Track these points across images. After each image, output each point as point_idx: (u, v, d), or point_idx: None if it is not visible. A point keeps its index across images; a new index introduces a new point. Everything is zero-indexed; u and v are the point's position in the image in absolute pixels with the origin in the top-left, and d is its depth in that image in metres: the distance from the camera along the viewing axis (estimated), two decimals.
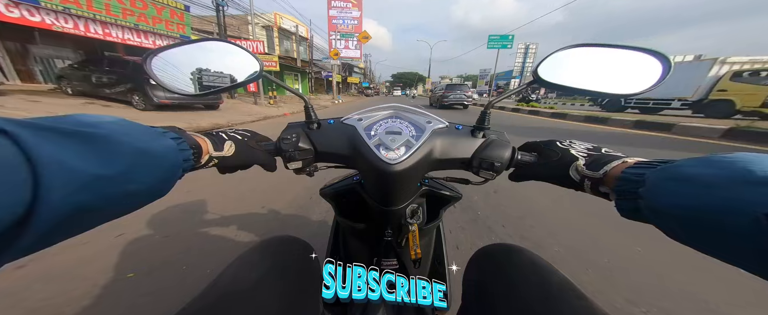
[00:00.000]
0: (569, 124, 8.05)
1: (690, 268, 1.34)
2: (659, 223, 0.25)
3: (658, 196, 0.24)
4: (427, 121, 0.48)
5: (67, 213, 0.19)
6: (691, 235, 0.22)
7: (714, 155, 0.23)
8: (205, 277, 1.28)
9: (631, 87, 0.40)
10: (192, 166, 0.35)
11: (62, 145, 0.19)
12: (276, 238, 0.54)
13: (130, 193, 0.24)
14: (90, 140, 0.21)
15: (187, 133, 0.36)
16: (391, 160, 0.41)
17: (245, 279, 0.42)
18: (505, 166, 0.45)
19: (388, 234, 0.54)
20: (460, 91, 14.67)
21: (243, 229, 1.68)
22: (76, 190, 0.19)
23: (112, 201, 0.22)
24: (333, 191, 0.63)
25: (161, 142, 0.28)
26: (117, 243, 1.50)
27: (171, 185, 0.29)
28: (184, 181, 0.36)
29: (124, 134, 0.24)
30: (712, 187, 0.20)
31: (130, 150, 0.24)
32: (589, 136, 5.79)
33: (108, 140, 0.22)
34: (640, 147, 4.58)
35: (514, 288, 0.44)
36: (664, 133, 6.09)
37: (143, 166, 0.25)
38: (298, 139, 0.47)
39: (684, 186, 0.22)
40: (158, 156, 0.27)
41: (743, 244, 0.18)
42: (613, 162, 0.33)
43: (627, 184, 0.29)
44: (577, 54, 0.45)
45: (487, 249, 0.57)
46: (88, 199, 0.20)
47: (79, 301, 1.11)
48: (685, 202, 0.22)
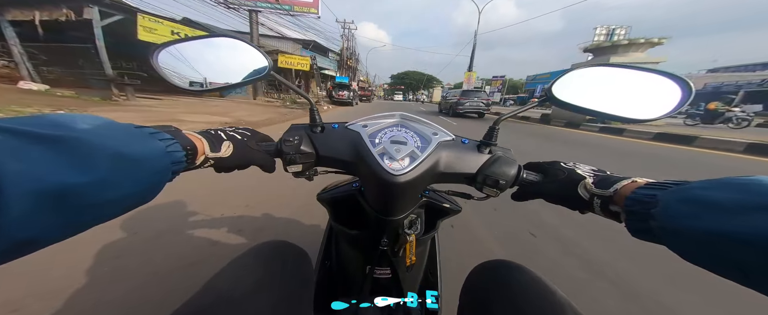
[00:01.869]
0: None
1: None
2: (671, 244, 0.25)
3: (671, 218, 0.24)
4: (433, 132, 0.47)
5: (33, 225, 0.17)
6: (706, 259, 0.22)
7: (729, 179, 0.23)
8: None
9: (647, 112, 0.39)
10: (185, 168, 0.34)
11: (27, 151, 0.18)
12: (270, 243, 0.53)
13: (109, 201, 0.22)
14: (60, 144, 0.19)
15: (182, 132, 0.35)
16: (395, 170, 0.40)
17: (238, 284, 0.41)
18: (509, 184, 0.44)
19: (384, 243, 0.53)
20: (477, 98, 12.95)
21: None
22: (43, 201, 0.17)
23: (87, 210, 0.21)
24: (331, 197, 0.62)
25: (147, 145, 0.27)
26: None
27: (158, 190, 0.28)
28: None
29: (102, 137, 0.23)
30: (728, 212, 0.20)
31: (107, 154, 0.22)
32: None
33: (82, 144, 0.21)
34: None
35: (516, 307, 0.43)
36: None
37: (123, 171, 0.23)
38: (301, 141, 0.46)
39: (698, 209, 0.22)
40: (142, 160, 0.25)
41: (761, 270, 0.18)
42: (623, 181, 0.33)
43: (638, 205, 0.28)
44: (594, 74, 0.43)
45: (487, 265, 0.56)
46: (59, 209, 0.19)
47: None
48: (699, 226, 0.21)
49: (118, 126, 0.26)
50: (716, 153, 5.62)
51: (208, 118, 5.80)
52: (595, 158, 4.74)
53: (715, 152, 5.70)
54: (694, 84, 0.35)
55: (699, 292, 1.28)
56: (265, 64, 0.48)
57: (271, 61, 0.48)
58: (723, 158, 5.08)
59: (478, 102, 12.82)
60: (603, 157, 4.88)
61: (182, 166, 0.32)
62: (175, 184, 0.32)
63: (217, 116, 6.15)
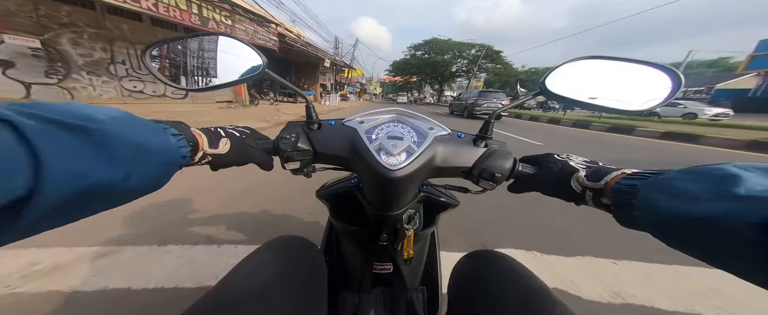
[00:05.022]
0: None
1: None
2: (654, 232, 0.26)
3: (649, 208, 0.25)
4: (430, 127, 0.47)
5: (61, 205, 0.19)
6: (685, 245, 0.23)
7: (698, 167, 0.24)
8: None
9: (638, 103, 0.39)
10: (187, 163, 0.34)
11: (65, 140, 0.19)
12: (285, 238, 0.53)
13: (127, 189, 0.24)
14: (92, 135, 0.21)
15: (189, 129, 0.36)
16: (392, 165, 0.40)
17: (258, 277, 0.42)
18: (505, 177, 0.45)
19: (383, 238, 0.53)
20: (496, 99, 12.33)
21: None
22: (74, 184, 0.19)
23: (107, 196, 0.23)
24: (330, 193, 0.62)
25: (161, 139, 0.28)
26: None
27: (166, 181, 0.30)
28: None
29: (126, 130, 0.24)
30: (697, 200, 0.21)
31: (130, 146, 0.24)
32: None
33: (110, 136, 0.22)
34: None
35: (493, 296, 0.45)
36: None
37: (142, 162, 0.25)
38: (298, 139, 0.46)
39: (672, 199, 0.23)
40: (157, 152, 0.27)
41: (732, 252, 0.20)
42: (612, 173, 0.33)
43: (621, 195, 0.29)
44: (586, 66, 0.44)
45: (469, 255, 0.58)
46: (85, 193, 0.20)
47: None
48: (674, 214, 0.23)
49: (138, 120, 0.27)
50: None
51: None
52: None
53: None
54: (683, 75, 0.36)
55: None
56: (260, 63, 0.47)
57: (265, 59, 0.48)
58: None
59: (497, 103, 12.08)
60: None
61: (186, 161, 0.33)
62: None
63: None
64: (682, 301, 1.23)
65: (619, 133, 8.43)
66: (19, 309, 1.03)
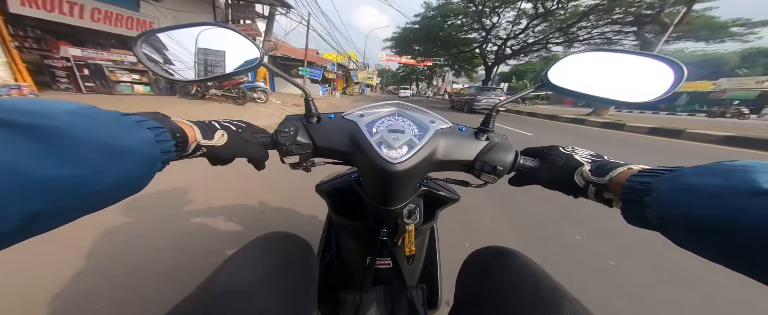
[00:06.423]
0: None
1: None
2: (666, 231, 0.25)
3: (664, 206, 0.24)
4: (431, 120, 0.46)
5: (18, 221, 0.17)
6: (698, 245, 0.22)
7: (718, 164, 0.23)
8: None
9: (641, 95, 0.39)
10: (175, 157, 0.32)
11: (13, 143, 0.17)
12: (275, 234, 0.52)
13: (96, 193, 0.21)
14: (45, 136, 0.18)
15: (171, 119, 0.33)
16: (393, 159, 0.39)
17: (245, 275, 0.41)
18: (507, 170, 0.44)
19: (383, 233, 0.53)
20: (494, 95, 13.36)
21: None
22: (29, 196, 0.17)
23: (73, 203, 0.20)
24: (329, 188, 0.62)
25: (134, 135, 0.25)
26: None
27: (147, 181, 0.27)
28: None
29: (86, 126, 0.21)
30: (718, 197, 0.20)
31: (94, 146, 0.21)
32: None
33: (67, 135, 0.19)
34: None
35: (506, 293, 0.44)
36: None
37: (111, 163, 0.22)
38: (297, 132, 0.45)
39: (689, 196, 0.22)
40: (130, 151, 0.24)
41: (751, 255, 0.18)
42: (618, 168, 0.33)
43: (632, 193, 0.28)
44: (588, 59, 0.44)
45: (480, 252, 0.57)
46: (45, 203, 0.18)
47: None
48: (691, 212, 0.21)
49: (102, 114, 0.24)
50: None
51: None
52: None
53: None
54: (686, 67, 0.36)
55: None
56: (257, 55, 0.46)
57: (263, 50, 0.47)
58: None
59: (495, 98, 12.93)
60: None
61: (172, 156, 0.30)
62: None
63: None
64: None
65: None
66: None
